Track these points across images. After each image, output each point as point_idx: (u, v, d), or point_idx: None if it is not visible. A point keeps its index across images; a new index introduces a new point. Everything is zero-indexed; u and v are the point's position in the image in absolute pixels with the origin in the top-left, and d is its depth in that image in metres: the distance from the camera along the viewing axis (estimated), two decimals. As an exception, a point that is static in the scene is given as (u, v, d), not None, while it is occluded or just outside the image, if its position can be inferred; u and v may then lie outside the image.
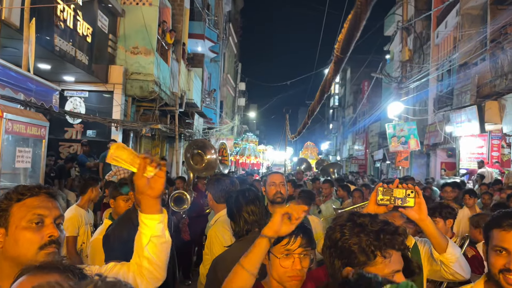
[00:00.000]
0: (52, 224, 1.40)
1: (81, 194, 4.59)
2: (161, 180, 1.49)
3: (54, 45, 8.39)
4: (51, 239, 1.37)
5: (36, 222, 1.38)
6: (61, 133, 11.27)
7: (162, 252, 1.54)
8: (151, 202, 1.50)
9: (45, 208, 1.41)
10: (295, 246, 1.74)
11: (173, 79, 14.01)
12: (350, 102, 43.78)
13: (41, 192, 1.44)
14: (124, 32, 11.80)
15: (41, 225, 1.39)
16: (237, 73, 36.30)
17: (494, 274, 1.66)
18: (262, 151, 25.04)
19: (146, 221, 1.51)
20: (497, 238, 1.66)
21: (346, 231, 1.39)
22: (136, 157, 1.47)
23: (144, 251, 1.51)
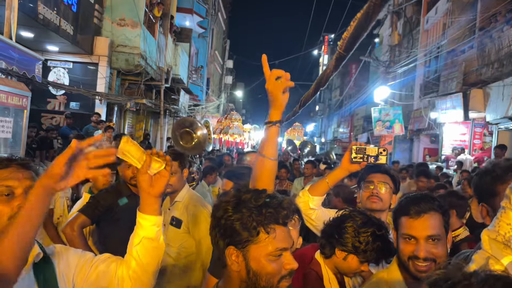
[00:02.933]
0: (22, 195, 1.37)
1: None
2: (164, 179, 1.45)
3: (37, 13, 8.13)
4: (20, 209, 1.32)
5: (5, 194, 1.36)
6: (43, 104, 11.05)
7: (152, 257, 1.49)
8: (150, 200, 1.46)
9: (15, 179, 1.37)
10: None
11: (159, 53, 13.77)
12: (337, 84, 43.78)
13: (11, 164, 1.40)
14: (111, 3, 11.49)
15: (11, 197, 1.36)
16: (225, 50, 35.87)
17: (404, 261, 1.70)
18: (248, 130, 24.99)
19: (141, 220, 1.47)
20: (405, 225, 1.68)
21: (229, 207, 1.31)
22: (142, 153, 1.43)
23: (133, 251, 1.47)
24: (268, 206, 1.29)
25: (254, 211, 1.28)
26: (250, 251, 1.28)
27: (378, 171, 2.40)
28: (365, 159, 2.11)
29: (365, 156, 2.12)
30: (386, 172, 2.43)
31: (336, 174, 2.26)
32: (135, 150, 1.41)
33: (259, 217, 1.27)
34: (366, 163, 2.13)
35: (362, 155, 2.12)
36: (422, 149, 17.79)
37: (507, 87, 10.67)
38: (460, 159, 11.80)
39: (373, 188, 2.38)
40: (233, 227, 1.28)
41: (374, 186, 2.37)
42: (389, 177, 2.42)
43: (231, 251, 1.30)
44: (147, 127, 16.13)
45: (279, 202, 1.31)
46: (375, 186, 2.37)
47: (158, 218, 1.48)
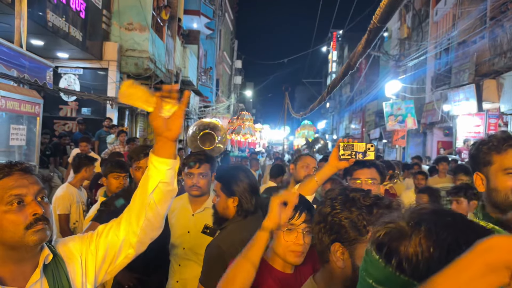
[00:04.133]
0: (33, 202, 1.32)
1: (75, 173, 4.54)
2: (180, 120, 1.39)
3: (47, 21, 8.21)
4: (35, 217, 1.29)
5: (17, 202, 1.31)
6: (55, 110, 11.16)
7: (166, 201, 1.48)
8: (167, 144, 1.42)
9: (22, 186, 1.32)
10: (300, 221, 1.71)
11: (168, 56, 13.81)
12: (347, 80, 43.40)
13: (13, 171, 1.35)
14: (118, 7, 11.56)
15: (22, 205, 1.31)
16: (234, 51, 35.91)
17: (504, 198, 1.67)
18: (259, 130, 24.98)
19: (158, 164, 1.42)
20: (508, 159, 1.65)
21: (337, 205, 1.33)
22: (150, 95, 1.34)
23: (150, 199, 1.43)
24: (378, 206, 1.31)
25: (364, 210, 1.30)
26: (357, 249, 1.28)
27: (364, 166, 2.33)
28: (353, 156, 2.10)
29: (353, 152, 2.10)
30: (372, 165, 2.36)
31: (324, 172, 2.24)
32: (141, 92, 1.34)
33: (369, 216, 1.29)
34: (355, 160, 2.11)
35: (350, 152, 2.10)
36: (436, 143, 17.58)
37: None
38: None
39: (361, 185, 2.31)
40: (341, 224, 1.30)
41: (362, 184, 2.32)
42: (376, 170, 2.37)
43: (337, 248, 1.31)
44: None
45: (389, 203, 1.33)
46: (363, 184, 2.31)
47: (175, 161, 1.45)
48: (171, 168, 1.44)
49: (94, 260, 1.44)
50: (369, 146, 2.12)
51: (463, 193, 3.73)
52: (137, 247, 1.48)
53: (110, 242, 1.46)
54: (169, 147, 1.42)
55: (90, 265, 1.44)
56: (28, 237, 1.28)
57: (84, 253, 1.44)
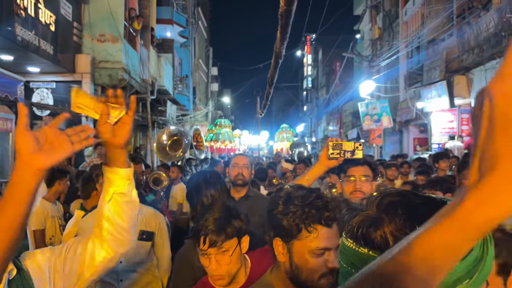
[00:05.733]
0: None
1: (48, 187, 4.45)
2: (127, 126, 1.33)
3: (15, 35, 8.05)
4: None
5: None
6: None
7: (125, 213, 1.38)
8: (115, 152, 1.34)
9: None
10: (206, 247, 1.69)
11: (142, 66, 13.72)
12: (323, 83, 43.97)
13: None
14: (89, 19, 11.43)
15: None
16: (209, 58, 35.89)
17: None
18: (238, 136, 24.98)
19: (110, 175, 1.36)
20: None
21: (281, 203, 1.40)
22: (97, 102, 1.29)
23: (105, 209, 1.36)
24: (312, 206, 1.36)
25: (299, 210, 1.36)
26: (294, 245, 1.37)
27: (358, 164, 2.43)
28: (342, 155, 2.18)
29: (342, 151, 2.18)
30: (365, 163, 2.47)
31: (315, 171, 2.30)
32: (89, 100, 1.29)
33: (302, 215, 1.35)
34: (344, 158, 2.19)
35: (339, 151, 2.18)
36: (412, 140, 17.91)
37: (489, 71, 10.80)
38: (448, 146, 11.85)
39: (355, 182, 2.43)
40: (280, 222, 1.38)
41: (356, 181, 2.43)
42: (369, 167, 2.47)
43: (278, 243, 1.40)
44: (137, 140, 16.05)
45: (324, 204, 1.38)
46: (357, 181, 2.43)
47: (127, 170, 1.37)
48: (125, 177, 1.37)
49: (61, 275, 1.37)
50: (357, 145, 2.21)
51: (439, 186, 3.81)
52: (104, 263, 1.41)
53: (78, 256, 1.39)
54: (119, 155, 1.35)
55: (58, 280, 1.36)
56: None
57: (52, 267, 1.37)
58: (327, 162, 2.21)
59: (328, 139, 2.26)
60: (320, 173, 2.32)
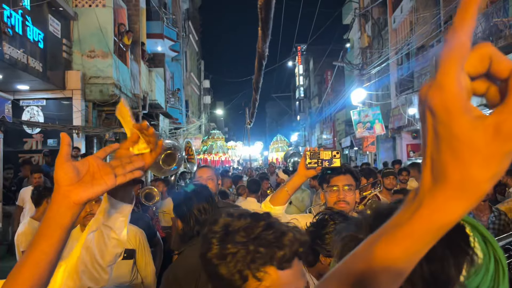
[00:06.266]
0: None
1: (36, 206, 4.36)
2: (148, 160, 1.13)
3: (3, 53, 8.02)
4: None
5: None
6: (20, 144, 10.84)
7: (108, 250, 1.23)
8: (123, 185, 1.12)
9: None
10: None
11: (134, 81, 13.69)
12: (315, 92, 44.16)
13: None
14: (78, 36, 11.42)
15: None
16: (201, 71, 35.97)
17: None
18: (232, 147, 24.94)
19: (108, 206, 1.21)
20: None
21: (215, 242, 0.99)
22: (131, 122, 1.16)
23: (88, 237, 1.24)
24: (260, 242, 0.96)
25: (241, 249, 0.95)
26: None
27: (340, 173, 2.38)
28: (319, 164, 2.14)
29: (319, 160, 2.14)
30: (348, 171, 2.43)
31: (294, 181, 2.26)
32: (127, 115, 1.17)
33: (246, 257, 0.95)
34: (321, 167, 2.16)
35: (317, 160, 2.14)
36: (405, 146, 17.95)
37: (478, 76, 10.87)
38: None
39: (338, 192, 2.38)
40: (217, 269, 0.97)
41: (339, 190, 2.38)
42: (351, 176, 2.43)
43: None
44: (130, 156, 15.95)
45: (278, 237, 0.96)
46: (341, 191, 2.37)
47: (128, 206, 1.22)
48: (122, 214, 1.20)
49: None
50: (335, 153, 2.17)
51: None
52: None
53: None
54: (125, 189, 1.18)
55: None
56: None
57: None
58: (305, 172, 2.18)
59: (305, 149, 2.22)
60: (300, 183, 2.29)
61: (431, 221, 0.49)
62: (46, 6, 9.85)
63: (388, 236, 0.54)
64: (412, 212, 0.51)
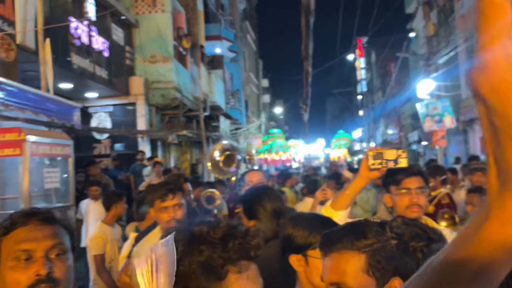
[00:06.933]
0: (41, 259, 1.15)
1: (106, 211, 4.49)
2: None
3: (71, 64, 8.42)
4: (38, 278, 1.12)
5: (24, 259, 1.15)
6: (90, 150, 11.37)
7: None
8: None
9: (33, 240, 1.17)
10: None
11: (194, 84, 13.93)
12: (378, 86, 42.81)
13: (30, 220, 1.19)
14: (140, 42, 11.80)
15: (30, 262, 1.15)
16: (259, 70, 36.11)
17: None
18: (293, 146, 24.74)
19: None
20: None
21: (182, 248, 0.98)
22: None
23: None
24: (234, 237, 0.99)
25: (218, 246, 0.97)
26: None
27: (412, 174, 2.21)
28: (384, 165, 1.95)
29: (383, 161, 1.95)
30: (419, 173, 2.26)
31: (356, 184, 2.10)
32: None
33: (226, 253, 0.96)
34: (386, 168, 1.97)
35: (381, 161, 1.95)
36: (478, 140, 16.77)
37: None
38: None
39: (410, 196, 2.21)
40: (191, 272, 0.96)
41: (411, 194, 2.20)
42: (423, 179, 2.26)
43: None
44: (192, 157, 16.27)
45: (245, 231, 1.00)
46: (413, 194, 2.20)
47: None
48: None
49: None
50: (400, 152, 1.97)
51: None
52: None
53: None
54: None
55: None
56: None
57: None
58: (368, 174, 2.00)
59: (368, 149, 2.06)
60: (362, 186, 2.12)
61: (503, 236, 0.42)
62: (109, 15, 10.24)
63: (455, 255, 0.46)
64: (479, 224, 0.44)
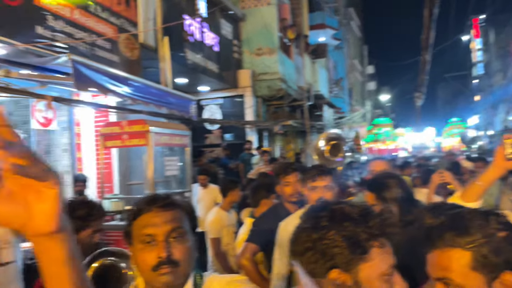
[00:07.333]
0: (162, 243, 1.27)
1: (223, 197, 4.79)
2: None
3: (186, 59, 9.02)
4: (160, 260, 1.25)
5: (147, 242, 1.28)
6: (202, 139, 12.11)
7: None
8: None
9: (154, 225, 1.29)
10: None
11: (298, 74, 14.02)
12: (497, 68, 38.83)
13: (152, 208, 1.32)
14: (247, 35, 12.18)
15: (153, 245, 1.28)
16: (364, 57, 34.97)
17: None
18: (401, 134, 23.67)
19: None
20: None
21: (326, 222, 1.08)
22: None
23: None
24: (372, 215, 1.09)
25: (360, 222, 1.07)
26: (361, 271, 1.06)
27: None
28: None
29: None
30: None
31: (489, 174, 1.93)
32: None
33: (368, 229, 1.07)
34: None
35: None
36: None
37: None
38: None
39: None
40: (335, 245, 1.07)
41: None
42: None
43: (336, 275, 1.07)
44: (296, 147, 16.43)
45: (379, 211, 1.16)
46: None
47: None
48: None
49: None
50: None
51: None
52: None
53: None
54: None
55: None
56: (154, 279, 1.27)
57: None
58: (504, 164, 1.83)
59: (504, 136, 1.85)
60: (497, 176, 1.95)
61: None
62: (218, 11, 10.74)
63: None
64: None
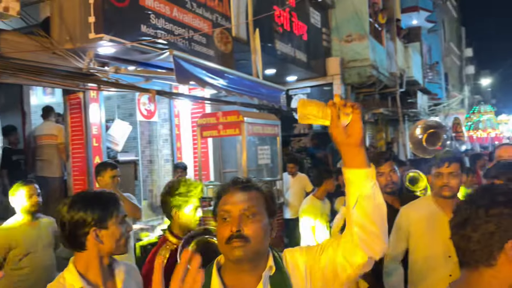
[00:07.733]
0: (235, 219, 1.41)
1: (317, 186, 4.84)
2: (358, 123, 1.31)
3: (275, 50, 9.12)
4: (232, 234, 1.39)
5: (223, 218, 1.44)
6: (290, 129, 12.21)
7: (374, 217, 1.34)
8: (353, 152, 1.32)
9: (231, 203, 1.44)
10: None
11: (390, 60, 13.48)
12: None
13: (231, 189, 1.48)
14: (336, 23, 11.97)
15: (228, 220, 1.43)
16: (461, 39, 32.50)
17: None
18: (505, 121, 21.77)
19: (351, 176, 1.34)
20: None
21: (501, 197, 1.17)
22: (325, 107, 1.33)
23: (353, 214, 1.34)
24: None
25: None
26: None
27: None
28: None
29: None
30: None
31: None
32: (316, 109, 1.33)
33: None
34: None
35: None
36: None
37: None
38: None
39: None
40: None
41: None
42: None
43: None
44: (387, 135, 15.87)
45: None
46: None
47: (368, 170, 1.34)
48: (368, 177, 1.33)
49: (316, 275, 1.43)
50: None
51: None
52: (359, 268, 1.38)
53: (330, 260, 1.41)
54: (356, 154, 1.32)
55: (314, 279, 1.43)
56: (227, 252, 1.41)
57: (309, 267, 1.44)
58: None
59: None
60: None
61: None
62: (307, 0, 10.68)
63: None
64: None
